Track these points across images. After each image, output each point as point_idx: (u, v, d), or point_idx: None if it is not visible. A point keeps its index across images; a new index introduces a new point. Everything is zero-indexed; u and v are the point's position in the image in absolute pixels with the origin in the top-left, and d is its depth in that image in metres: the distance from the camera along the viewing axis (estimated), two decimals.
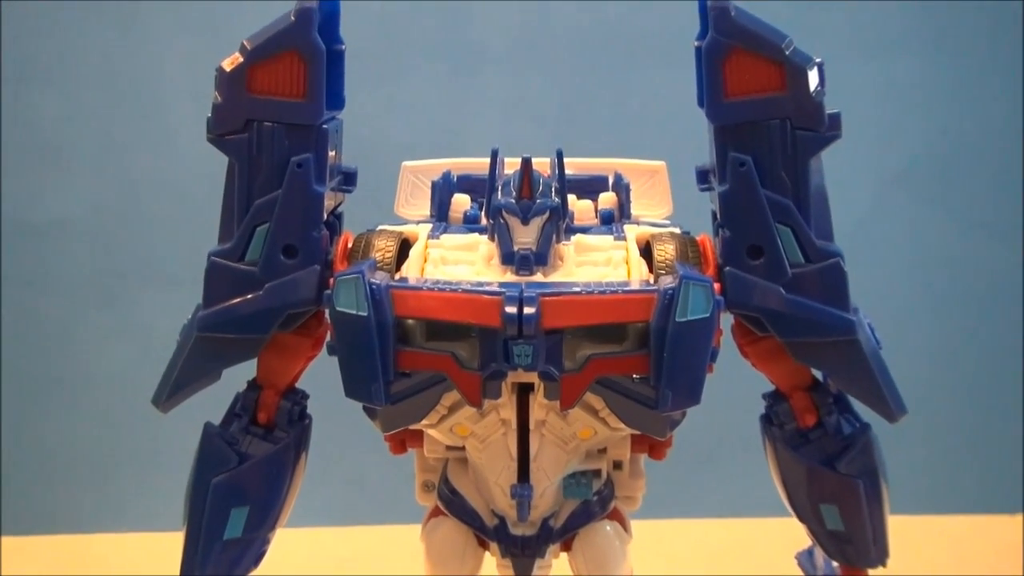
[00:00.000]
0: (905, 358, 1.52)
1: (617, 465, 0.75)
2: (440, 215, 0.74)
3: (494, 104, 1.42)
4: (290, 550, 1.36)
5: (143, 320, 1.46)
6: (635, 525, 0.88)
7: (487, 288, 0.63)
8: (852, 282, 0.72)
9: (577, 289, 0.63)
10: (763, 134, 0.64)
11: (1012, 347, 1.51)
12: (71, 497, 1.49)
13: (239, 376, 0.76)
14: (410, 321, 0.64)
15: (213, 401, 0.75)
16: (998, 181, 1.50)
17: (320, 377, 0.75)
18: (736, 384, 0.76)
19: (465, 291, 0.63)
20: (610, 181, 0.78)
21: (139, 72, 1.43)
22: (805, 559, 0.82)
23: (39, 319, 1.47)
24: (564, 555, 0.76)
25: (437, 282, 0.64)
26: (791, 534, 0.83)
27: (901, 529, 1.49)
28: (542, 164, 0.69)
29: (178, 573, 0.71)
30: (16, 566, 1.37)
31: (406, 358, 0.64)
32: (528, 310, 0.61)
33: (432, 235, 0.70)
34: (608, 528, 0.74)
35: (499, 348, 0.62)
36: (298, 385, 0.74)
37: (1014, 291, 1.52)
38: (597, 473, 0.73)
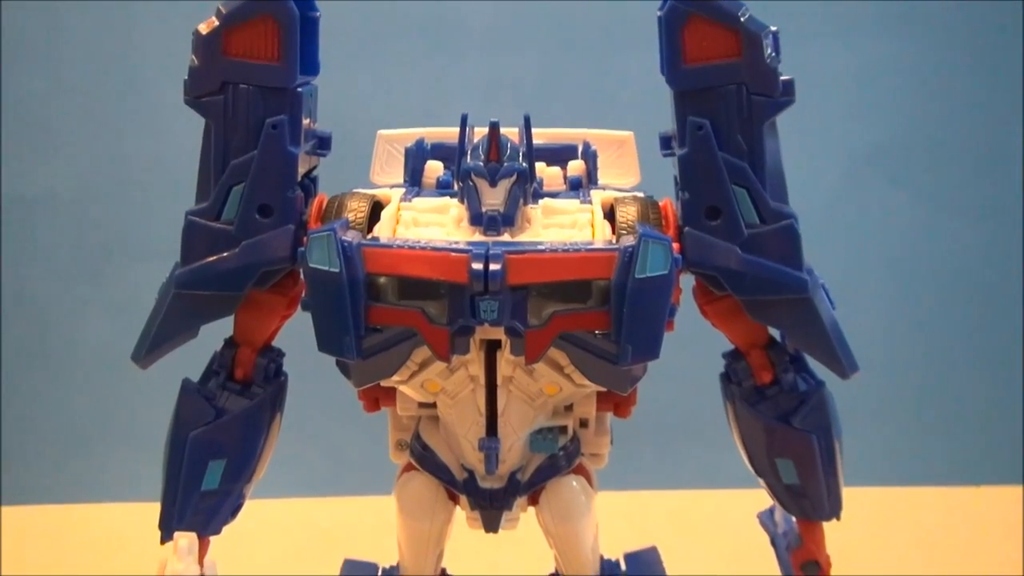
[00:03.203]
0: (889, 333, 1.56)
1: (583, 423, 0.77)
2: (413, 180, 0.76)
3: (472, 81, 1.44)
4: (269, 520, 1.39)
5: (129, 293, 1.48)
6: (612, 496, 0.91)
7: (455, 246, 0.65)
8: (822, 258, 0.75)
9: (542, 247, 0.66)
10: (720, 99, 0.66)
11: (1007, 321, 1.55)
12: (57, 467, 1.51)
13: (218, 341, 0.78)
14: (382, 279, 0.66)
15: (197, 369, 0.78)
16: (966, 162, 1.54)
17: (298, 352, 0.77)
18: (713, 360, 0.78)
19: (434, 249, 0.65)
20: (579, 150, 0.81)
21: (127, 49, 1.45)
22: (766, 518, 0.84)
23: (26, 292, 1.49)
24: (532, 512, 0.79)
25: (407, 241, 0.67)
26: (762, 505, 0.86)
27: (903, 500, 1.54)
28: (512, 133, 0.71)
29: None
30: (4, 535, 1.38)
31: (377, 313, 0.66)
32: (494, 267, 0.64)
33: (405, 198, 0.71)
34: (574, 483, 0.77)
35: (466, 304, 0.65)
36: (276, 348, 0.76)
37: (989, 268, 1.55)
38: (563, 429, 0.76)
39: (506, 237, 0.67)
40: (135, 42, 1.44)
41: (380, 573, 0.85)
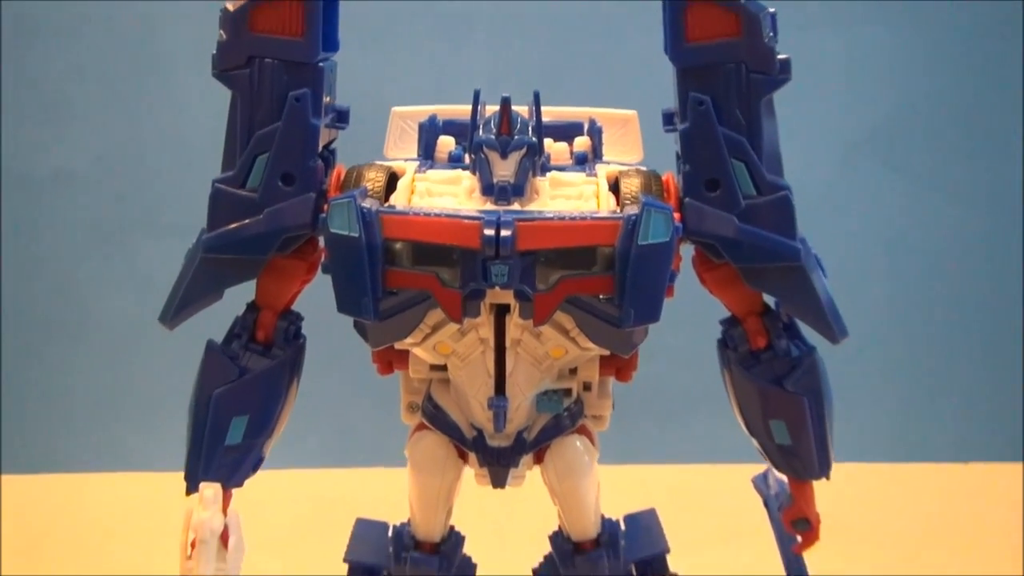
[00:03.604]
0: (886, 314, 1.59)
1: (586, 386, 0.81)
2: (426, 154, 0.79)
3: (481, 62, 1.48)
4: (279, 491, 1.43)
5: (143, 268, 1.52)
6: (614, 469, 0.95)
7: (468, 213, 0.69)
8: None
9: (550, 215, 0.70)
10: (720, 76, 0.70)
11: (1003, 300, 1.58)
12: (72, 437, 1.55)
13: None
14: (398, 245, 0.70)
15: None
16: (960, 145, 1.57)
17: (306, 328, 0.81)
18: (713, 338, 0.81)
19: (448, 216, 0.69)
20: (585, 127, 0.85)
21: (142, 26, 1.48)
22: (760, 481, 0.87)
23: (43, 267, 1.53)
24: (537, 475, 0.82)
25: (422, 208, 0.70)
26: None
27: (904, 477, 1.57)
28: (522, 110, 0.75)
29: (183, 476, 0.77)
30: (18, 504, 1.42)
31: (394, 277, 0.70)
32: (505, 233, 0.67)
33: (419, 170, 0.75)
34: (578, 443, 0.81)
35: (478, 268, 0.68)
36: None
37: (985, 248, 1.58)
38: (568, 392, 0.80)
39: (516, 206, 0.71)
40: (150, 22, 1.48)
41: (391, 531, 0.89)
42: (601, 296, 0.70)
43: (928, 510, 1.46)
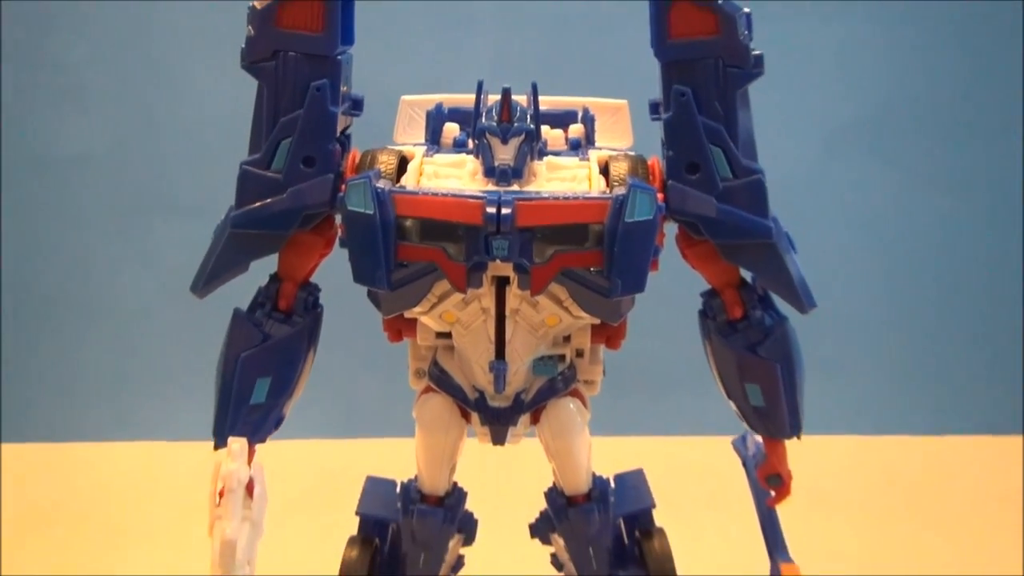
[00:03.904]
0: (877, 297, 1.63)
1: (579, 353, 0.87)
2: (433, 140, 0.85)
3: (482, 54, 1.54)
4: (288, 459, 1.48)
5: (156, 248, 1.58)
6: (604, 441, 1.00)
7: (472, 193, 0.76)
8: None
9: (546, 195, 0.76)
10: (700, 70, 0.76)
11: (1005, 278, 1.62)
12: (88, 408, 1.60)
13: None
14: (408, 222, 0.76)
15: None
16: (941, 136, 1.62)
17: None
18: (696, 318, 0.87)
19: (454, 195, 0.76)
20: (579, 115, 0.91)
21: (157, 14, 1.52)
22: (739, 443, 0.93)
23: (61, 248, 1.58)
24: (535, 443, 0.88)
25: (430, 188, 0.77)
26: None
27: (905, 450, 1.57)
28: (521, 99, 0.81)
29: (211, 433, 0.82)
30: (33, 472, 1.48)
31: (405, 251, 0.76)
32: (505, 211, 0.74)
33: (427, 154, 0.81)
34: (571, 404, 0.87)
35: (481, 243, 0.75)
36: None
37: (968, 233, 1.63)
38: (562, 357, 0.86)
39: (515, 187, 0.77)
40: (166, 11, 1.51)
41: (399, 487, 0.96)
42: (592, 269, 0.76)
43: (924, 484, 1.48)
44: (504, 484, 1.25)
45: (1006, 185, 1.63)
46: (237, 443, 0.78)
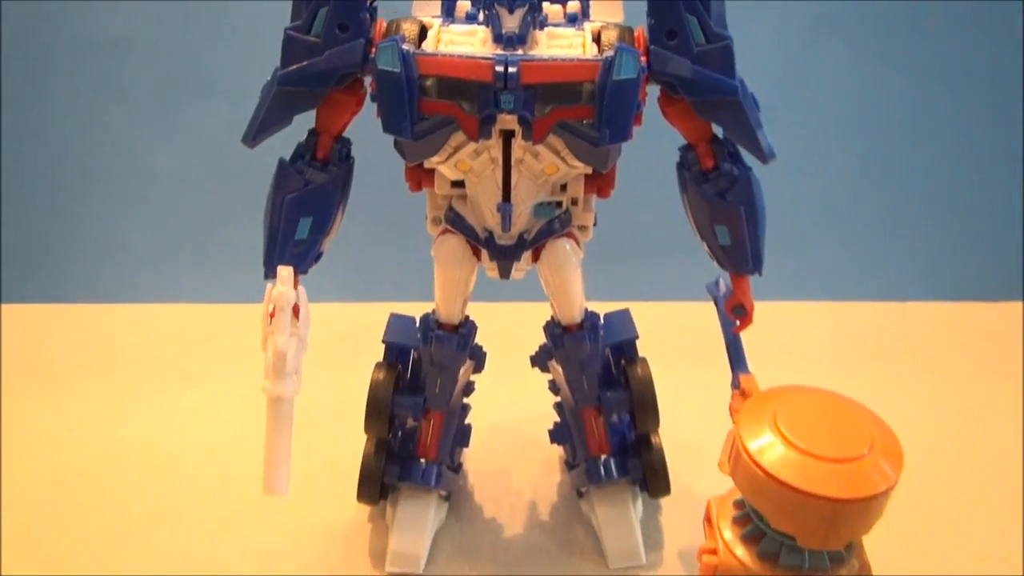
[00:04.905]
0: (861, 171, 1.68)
1: (574, 201, 0.99)
2: (448, 13, 0.94)
3: None
4: (313, 320, 1.59)
5: (192, 124, 1.65)
6: (605, 306, 1.10)
7: (483, 55, 0.88)
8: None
9: (546, 57, 0.88)
10: None
11: (1002, 162, 1.66)
12: (118, 269, 1.69)
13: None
14: (428, 81, 0.88)
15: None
16: (921, 25, 1.66)
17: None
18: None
19: (468, 57, 0.87)
20: None
21: None
22: (712, 286, 1.04)
23: (104, 122, 1.65)
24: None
25: (448, 51, 0.89)
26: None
27: (908, 315, 1.61)
28: None
29: (262, 265, 0.93)
30: (49, 331, 1.56)
31: (426, 105, 0.87)
32: (512, 70, 0.85)
33: (443, 25, 0.92)
34: (567, 244, 0.99)
35: (491, 98, 0.86)
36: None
37: (950, 120, 1.67)
38: (559, 204, 0.98)
39: (520, 52, 0.88)
40: None
41: (419, 320, 1.11)
42: (584, 121, 0.88)
43: (930, 349, 1.51)
44: (507, 341, 1.31)
45: (999, 74, 1.67)
46: (286, 270, 0.90)
